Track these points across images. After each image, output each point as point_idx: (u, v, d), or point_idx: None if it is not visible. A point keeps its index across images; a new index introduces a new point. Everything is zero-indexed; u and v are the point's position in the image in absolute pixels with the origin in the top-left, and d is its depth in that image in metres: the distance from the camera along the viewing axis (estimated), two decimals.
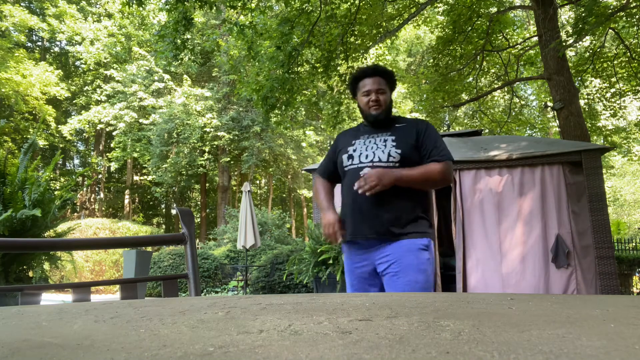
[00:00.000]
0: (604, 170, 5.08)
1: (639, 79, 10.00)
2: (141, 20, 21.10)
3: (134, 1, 7.05)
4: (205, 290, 9.75)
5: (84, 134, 24.21)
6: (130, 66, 19.59)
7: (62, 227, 4.31)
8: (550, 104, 8.42)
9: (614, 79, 10.60)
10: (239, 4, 7.96)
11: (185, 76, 19.93)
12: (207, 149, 19.06)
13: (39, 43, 23.87)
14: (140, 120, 19.44)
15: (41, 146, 20.27)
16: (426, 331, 0.45)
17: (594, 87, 11.85)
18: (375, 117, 2.02)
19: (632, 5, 7.10)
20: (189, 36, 8.40)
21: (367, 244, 1.97)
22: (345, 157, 2.04)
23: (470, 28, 10.34)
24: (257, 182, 28.12)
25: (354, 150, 2.02)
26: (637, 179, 25.65)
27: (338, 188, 2.16)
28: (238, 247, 8.42)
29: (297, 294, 0.91)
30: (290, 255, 8.26)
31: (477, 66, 11.18)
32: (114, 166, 21.41)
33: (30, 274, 3.77)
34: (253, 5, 8.50)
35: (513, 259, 4.96)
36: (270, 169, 21.66)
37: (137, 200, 27.18)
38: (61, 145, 21.91)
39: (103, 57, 20.42)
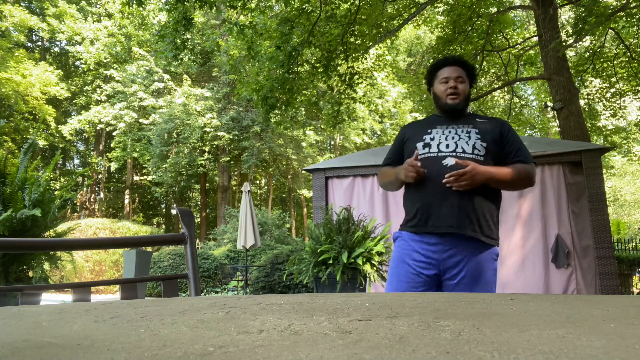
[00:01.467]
0: (604, 170, 5.08)
1: (639, 79, 10.00)
2: (141, 20, 21.10)
3: (134, 1, 7.05)
4: (205, 290, 9.75)
5: (84, 134, 24.21)
6: (130, 66, 19.60)
7: (62, 227, 4.31)
8: (550, 104, 8.42)
9: (614, 79, 10.60)
10: (239, 4, 7.96)
11: (185, 76, 19.93)
12: (207, 149, 19.07)
13: (39, 43, 23.87)
14: (140, 120, 19.44)
15: (41, 146, 20.27)
16: (426, 331, 0.45)
17: (594, 87, 11.85)
18: (453, 107, 1.90)
19: (632, 5, 7.10)
20: (189, 36, 8.40)
21: (438, 241, 1.77)
22: (420, 144, 1.87)
23: (470, 28, 10.34)
24: (257, 182, 28.12)
25: (432, 139, 1.87)
26: (637, 179, 25.65)
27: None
28: (238, 247, 8.42)
29: (297, 294, 0.91)
30: (290, 255, 8.26)
31: (477, 66, 11.16)
32: (114, 166, 21.41)
33: (30, 274, 3.77)
34: (253, 5, 8.50)
35: (513, 259, 4.96)
36: (270, 169, 21.67)
37: (137, 200, 27.18)
38: (61, 145, 21.91)
39: (103, 57, 20.43)
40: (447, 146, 1.82)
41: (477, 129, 1.87)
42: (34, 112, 20.48)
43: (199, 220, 21.87)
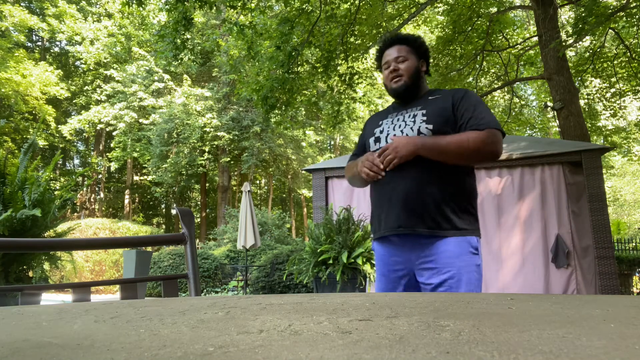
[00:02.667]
0: (604, 170, 5.08)
1: (639, 79, 10.00)
2: (141, 20, 21.10)
3: (134, 1, 7.05)
4: (205, 290, 9.75)
5: (84, 134, 24.21)
6: (130, 66, 19.60)
7: (62, 227, 4.31)
8: (550, 104, 8.42)
9: (614, 79, 10.60)
10: (239, 4, 7.96)
11: (185, 76, 19.94)
12: (207, 149, 19.07)
13: (39, 43, 23.87)
14: (140, 120, 19.45)
15: (41, 146, 20.28)
16: (426, 331, 0.45)
17: (594, 87, 11.85)
18: (395, 91, 1.72)
19: (632, 5, 7.10)
20: (189, 36, 8.40)
21: (401, 241, 1.62)
22: (372, 140, 1.74)
23: (470, 28, 10.34)
24: (257, 182, 28.12)
25: (381, 132, 1.72)
26: (637, 179, 25.65)
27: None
28: (238, 247, 8.42)
29: (297, 294, 0.91)
30: (290, 255, 8.26)
31: (477, 66, 11.18)
32: (114, 166, 21.42)
33: (30, 274, 3.77)
34: (253, 5, 8.51)
35: (513, 259, 4.96)
36: (270, 169, 21.67)
37: (137, 200, 27.18)
38: (61, 145, 21.92)
39: (103, 57, 20.43)
40: (395, 136, 1.65)
41: (425, 110, 1.65)
42: (34, 112, 20.49)
43: (199, 220, 21.87)
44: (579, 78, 10.69)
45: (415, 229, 1.56)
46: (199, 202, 25.40)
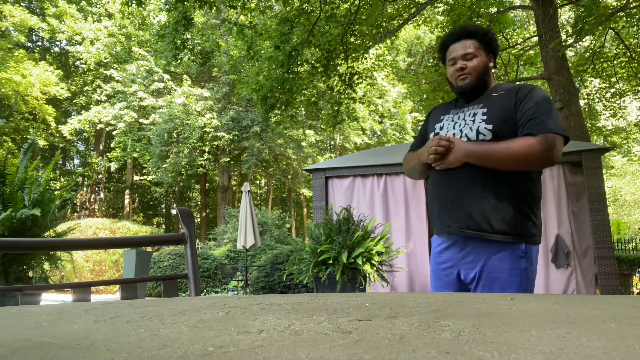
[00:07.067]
0: (604, 170, 5.08)
1: (639, 79, 10.00)
2: (141, 21, 21.11)
3: (134, 1, 7.06)
4: (205, 290, 9.75)
5: (84, 134, 24.21)
6: (130, 66, 19.60)
7: (62, 227, 4.31)
8: None
9: (614, 79, 10.61)
10: (239, 4, 7.96)
11: (185, 76, 19.94)
12: (207, 149, 19.07)
13: (39, 43, 23.88)
14: (140, 120, 19.45)
15: (41, 146, 20.28)
16: (426, 331, 0.45)
17: (594, 87, 11.86)
18: (461, 89, 1.66)
19: (632, 5, 7.10)
20: (188, 36, 8.41)
21: (452, 239, 1.62)
22: (432, 135, 1.70)
23: None
24: (257, 182, 28.12)
25: (441, 128, 1.68)
26: (637, 179, 25.65)
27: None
28: (238, 247, 8.42)
29: (297, 294, 0.91)
30: (290, 255, 8.26)
31: None
32: (114, 166, 21.42)
33: (30, 274, 3.77)
34: (253, 5, 8.51)
35: None
36: (270, 169, 21.67)
37: (137, 200, 27.18)
38: (61, 145, 21.92)
39: (103, 57, 20.44)
40: (453, 136, 1.60)
41: (487, 108, 1.59)
42: (34, 112, 20.49)
43: (199, 220, 21.87)
44: (579, 78, 10.69)
45: (463, 230, 1.55)
46: (199, 202, 25.40)
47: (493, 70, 1.78)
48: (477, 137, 1.55)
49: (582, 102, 10.98)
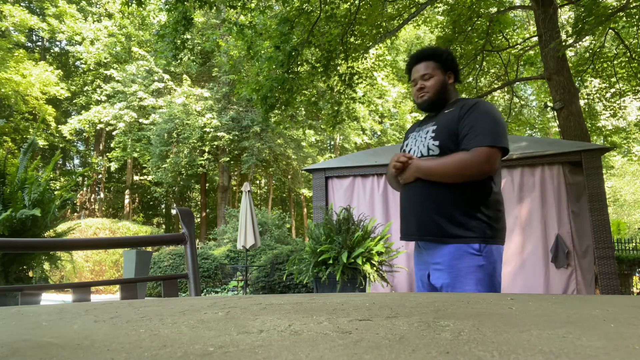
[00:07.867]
0: (604, 170, 5.08)
1: (639, 79, 10.00)
2: (141, 20, 21.11)
3: (134, 1, 7.05)
4: (205, 290, 9.75)
5: (84, 134, 24.21)
6: (130, 66, 19.60)
7: (62, 227, 4.31)
8: (550, 104, 8.42)
9: (614, 79, 10.60)
10: (239, 4, 7.96)
11: (185, 76, 19.94)
12: (207, 149, 19.07)
13: (39, 43, 23.87)
14: (140, 120, 19.45)
15: (41, 146, 20.27)
16: (426, 331, 0.45)
17: (594, 87, 11.85)
18: (420, 106, 1.84)
19: (632, 5, 7.10)
20: (188, 36, 8.41)
21: (417, 245, 1.81)
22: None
23: (470, 28, 10.34)
24: (257, 182, 28.12)
25: (407, 146, 1.85)
26: (637, 179, 25.66)
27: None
28: (238, 247, 8.42)
29: (297, 294, 0.91)
30: (290, 255, 8.26)
31: (477, 66, 11.18)
32: (114, 166, 21.42)
33: (30, 274, 3.77)
34: (253, 5, 8.51)
35: (513, 259, 4.95)
36: (270, 169, 21.67)
37: (137, 200, 27.18)
38: (61, 145, 21.92)
39: (103, 57, 20.44)
40: (413, 152, 1.77)
41: (436, 125, 1.72)
42: (34, 112, 20.49)
43: (199, 220, 21.87)
44: (579, 78, 10.69)
45: (422, 237, 1.71)
46: (199, 202, 25.40)
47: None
48: (428, 153, 1.70)
49: (582, 102, 10.98)
